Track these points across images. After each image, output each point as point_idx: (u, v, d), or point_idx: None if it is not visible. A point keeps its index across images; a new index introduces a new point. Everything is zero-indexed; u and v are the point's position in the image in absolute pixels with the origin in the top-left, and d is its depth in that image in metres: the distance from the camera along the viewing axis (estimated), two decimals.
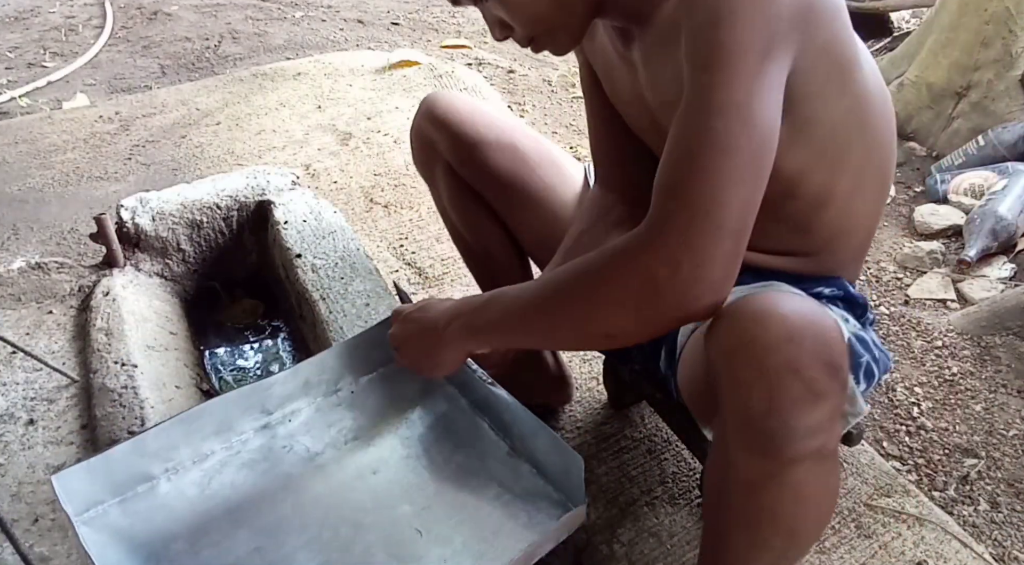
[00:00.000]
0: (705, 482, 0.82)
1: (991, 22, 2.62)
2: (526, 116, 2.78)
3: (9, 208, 2.11)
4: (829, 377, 0.66)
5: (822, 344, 0.67)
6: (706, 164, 0.71)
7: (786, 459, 0.68)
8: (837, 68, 0.82)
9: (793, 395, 0.65)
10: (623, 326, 0.76)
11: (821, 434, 0.67)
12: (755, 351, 0.66)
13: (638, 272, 0.73)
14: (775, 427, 0.66)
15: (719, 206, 0.70)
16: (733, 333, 0.69)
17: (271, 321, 1.77)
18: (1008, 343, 1.84)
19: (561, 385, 1.38)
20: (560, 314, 0.81)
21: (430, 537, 0.86)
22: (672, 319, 0.74)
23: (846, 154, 0.89)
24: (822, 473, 0.72)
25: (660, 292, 0.72)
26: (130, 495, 0.91)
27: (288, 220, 1.71)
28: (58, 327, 1.56)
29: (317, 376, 1.04)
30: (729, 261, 0.71)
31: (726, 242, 0.70)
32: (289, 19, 3.96)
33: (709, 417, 0.93)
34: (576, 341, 0.88)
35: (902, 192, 2.61)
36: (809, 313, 0.68)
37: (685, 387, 0.92)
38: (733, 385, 0.68)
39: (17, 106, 3.07)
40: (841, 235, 0.97)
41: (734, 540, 0.78)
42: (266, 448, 0.98)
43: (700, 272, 0.70)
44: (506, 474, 0.94)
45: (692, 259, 0.70)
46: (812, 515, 0.76)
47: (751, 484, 0.72)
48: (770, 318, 0.67)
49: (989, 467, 1.55)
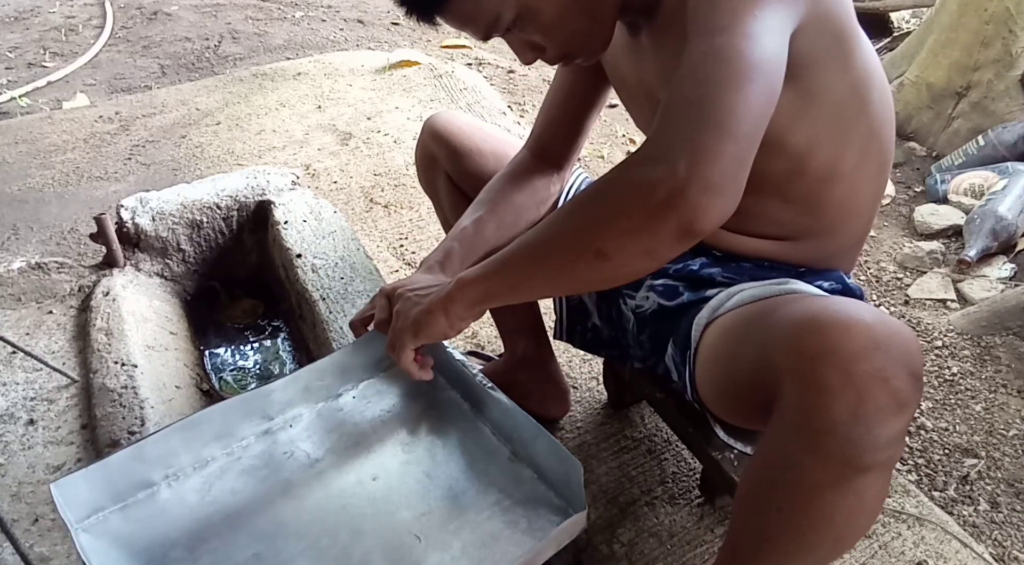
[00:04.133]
0: (747, 483, 0.80)
1: (991, 22, 2.62)
2: (526, 116, 2.77)
3: (9, 208, 2.11)
4: (913, 387, 0.66)
5: (907, 353, 0.66)
6: (708, 72, 0.70)
7: (863, 467, 0.68)
8: (839, 39, 0.84)
9: (880, 404, 0.65)
10: (625, 242, 0.72)
11: (897, 444, 0.68)
12: (841, 357, 0.65)
13: (636, 177, 0.72)
14: (860, 435, 0.65)
15: (720, 108, 0.68)
16: (814, 338, 0.68)
17: (271, 321, 1.77)
18: (1008, 343, 1.84)
19: (560, 396, 1.39)
20: (563, 239, 0.78)
21: (429, 543, 0.86)
22: (675, 228, 0.70)
23: (850, 130, 0.90)
24: (882, 482, 0.72)
25: (657, 194, 0.69)
26: (130, 502, 0.90)
27: (288, 220, 1.71)
28: (58, 327, 1.57)
29: (318, 382, 1.04)
30: (732, 164, 0.68)
31: (727, 143, 0.68)
32: (289, 19, 3.96)
33: (736, 416, 0.93)
34: (581, 269, 0.79)
35: (902, 192, 2.60)
36: (891, 322, 0.68)
37: (707, 384, 0.92)
38: (814, 390, 0.67)
39: (17, 106, 3.07)
40: (846, 216, 0.98)
41: (779, 543, 0.77)
42: (267, 454, 0.97)
43: (698, 171, 0.67)
44: (506, 480, 0.93)
45: (691, 156, 0.68)
46: (862, 523, 0.76)
47: (815, 489, 0.71)
48: (855, 326, 0.67)
49: (989, 467, 1.55)
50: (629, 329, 1.12)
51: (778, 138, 0.87)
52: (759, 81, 0.70)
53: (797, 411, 0.69)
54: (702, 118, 0.69)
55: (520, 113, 2.81)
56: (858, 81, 0.88)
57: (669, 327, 1.02)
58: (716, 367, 0.90)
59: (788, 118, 0.85)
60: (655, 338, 1.06)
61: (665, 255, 0.73)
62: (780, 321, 0.74)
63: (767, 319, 0.80)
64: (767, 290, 0.91)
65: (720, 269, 1.01)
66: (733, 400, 0.88)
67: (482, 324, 1.65)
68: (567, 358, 1.53)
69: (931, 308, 2.06)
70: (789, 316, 0.73)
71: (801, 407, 0.68)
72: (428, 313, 0.90)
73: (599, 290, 0.84)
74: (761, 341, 0.77)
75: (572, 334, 1.25)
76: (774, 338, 0.73)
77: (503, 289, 0.86)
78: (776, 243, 0.99)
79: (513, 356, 1.37)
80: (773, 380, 0.72)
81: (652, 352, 1.08)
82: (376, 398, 1.06)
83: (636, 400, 1.41)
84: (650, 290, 1.06)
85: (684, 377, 0.96)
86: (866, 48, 0.89)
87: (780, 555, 0.78)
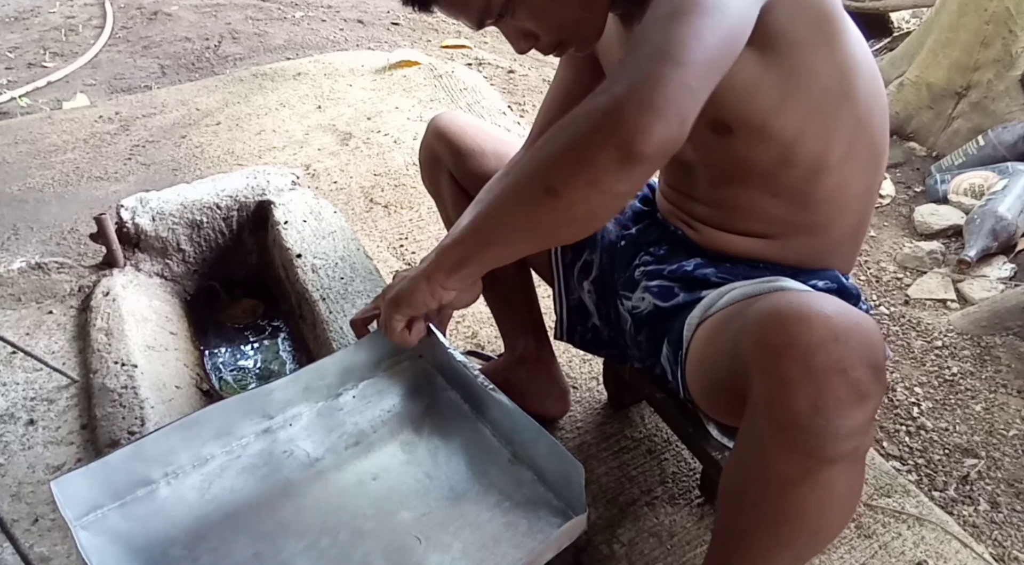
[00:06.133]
0: (726, 479, 0.81)
1: (991, 22, 2.62)
2: (526, 116, 2.77)
3: (9, 208, 2.11)
4: (873, 379, 0.66)
5: (867, 345, 0.67)
6: (663, 12, 0.71)
7: (826, 458, 0.68)
8: (822, 20, 0.85)
9: (839, 395, 0.65)
10: (570, 175, 0.73)
11: (861, 435, 0.68)
12: (800, 350, 0.66)
13: (582, 110, 0.72)
14: (820, 426, 0.66)
15: (668, 39, 0.69)
16: (776, 332, 0.68)
17: (271, 321, 1.77)
18: (1008, 343, 1.84)
19: (560, 395, 1.39)
20: (519, 183, 0.79)
21: (429, 544, 0.86)
22: (613, 152, 0.69)
23: (837, 118, 0.90)
24: (853, 474, 0.73)
25: (596, 119, 0.69)
26: (130, 499, 0.90)
27: (288, 220, 1.71)
28: (58, 327, 1.57)
29: (318, 381, 1.04)
30: (675, 88, 0.68)
31: (671, 68, 0.68)
32: (289, 19, 3.96)
33: (722, 414, 0.94)
34: (538, 212, 0.78)
35: (902, 192, 2.60)
36: (853, 314, 0.68)
37: (695, 383, 0.92)
38: (776, 383, 0.68)
39: (17, 106, 3.07)
40: (837, 210, 0.98)
41: (756, 538, 0.78)
42: (266, 453, 0.97)
43: (635, 93, 0.68)
44: (507, 481, 0.93)
45: (631, 82, 0.68)
46: (837, 515, 0.76)
47: (784, 482, 0.72)
48: (815, 318, 0.67)
49: (989, 467, 1.55)
50: (627, 330, 1.12)
51: (762, 122, 0.88)
52: (712, 15, 0.71)
53: (763, 405, 0.70)
54: (650, 49, 0.69)
55: (520, 113, 2.81)
56: (844, 68, 0.88)
57: (664, 328, 1.02)
58: (702, 366, 0.90)
59: (772, 101, 0.86)
60: (651, 339, 1.06)
61: (610, 186, 0.73)
62: (750, 316, 0.75)
63: (742, 315, 0.80)
64: (756, 288, 0.91)
65: (715, 270, 1.01)
66: (717, 397, 0.89)
67: (482, 324, 1.65)
68: (567, 358, 1.53)
69: (931, 308, 2.06)
70: (757, 311, 0.73)
71: (765, 400, 0.69)
72: (411, 281, 0.93)
73: (566, 240, 0.84)
74: (735, 337, 0.78)
75: (572, 334, 1.25)
76: (744, 334, 0.74)
77: (478, 247, 0.86)
78: (767, 242, 1.00)
79: (513, 356, 1.37)
80: (745, 375, 0.73)
81: (649, 353, 1.08)
82: (376, 398, 1.06)
83: (636, 400, 1.41)
84: (646, 291, 1.06)
85: (677, 377, 0.96)
86: (853, 36, 0.89)
87: (759, 550, 0.79)
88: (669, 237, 1.09)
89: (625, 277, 1.11)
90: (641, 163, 0.70)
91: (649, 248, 1.09)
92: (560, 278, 1.22)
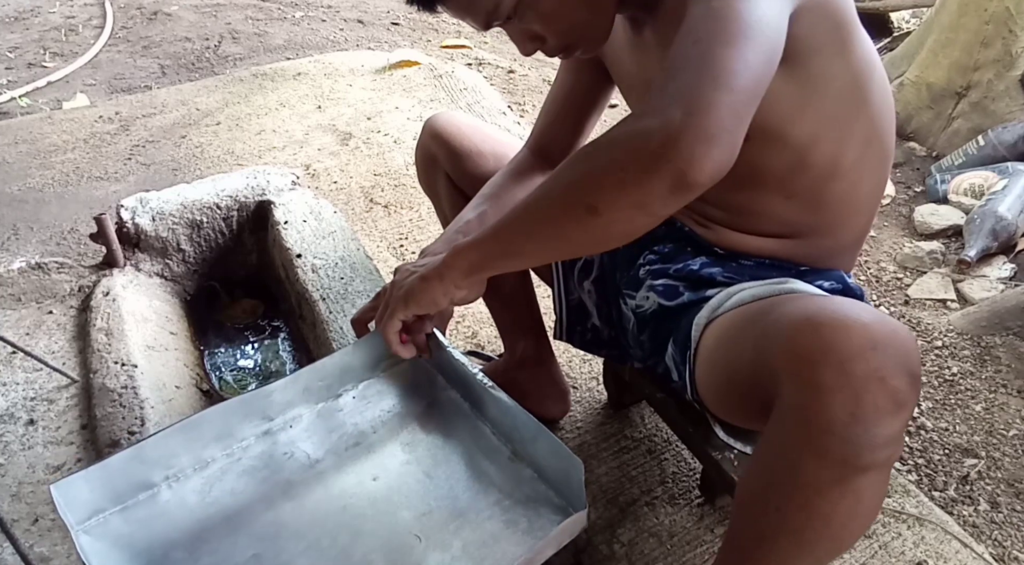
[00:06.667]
0: (746, 482, 0.80)
1: (991, 22, 2.62)
2: (526, 116, 2.77)
3: (9, 208, 2.11)
4: (910, 387, 0.66)
5: (904, 353, 0.66)
6: (705, 30, 0.70)
7: (861, 467, 0.67)
8: (839, 27, 0.85)
9: (878, 404, 0.64)
10: (617, 196, 0.72)
11: (895, 444, 0.67)
12: (838, 357, 0.65)
13: (631, 131, 0.71)
14: (857, 435, 0.65)
15: (716, 63, 0.68)
16: (811, 338, 0.68)
17: (271, 321, 1.77)
18: (1008, 343, 1.84)
19: (560, 396, 1.39)
20: (555, 196, 0.78)
21: (429, 543, 0.86)
22: (668, 179, 0.69)
23: (852, 122, 0.91)
24: (881, 482, 0.72)
25: (651, 145, 0.68)
26: (131, 503, 0.90)
27: (288, 220, 1.71)
28: (58, 327, 1.57)
29: (318, 382, 1.04)
30: (728, 115, 0.68)
31: (723, 94, 0.68)
32: (289, 19, 3.96)
33: (735, 416, 0.93)
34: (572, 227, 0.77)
35: (902, 192, 2.60)
36: (889, 322, 0.68)
37: (707, 384, 0.92)
38: (811, 390, 0.67)
39: (17, 106, 3.07)
40: (847, 212, 0.98)
41: (777, 543, 0.77)
42: (267, 455, 0.97)
43: (693, 120, 0.67)
44: (507, 479, 0.93)
45: (686, 107, 0.67)
46: (860, 523, 0.76)
47: (814, 489, 0.71)
48: (853, 326, 0.66)
49: (989, 467, 1.55)
50: (629, 329, 1.12)
51: (780, 130, 0.88)
52: (756, 39, 0.71)
53: (795, 411, 0.69)
54: (698, 73, 0.69)
55: (520, 113, 2.81)
56: (858, 72, 0.89)
57: (669, 327, 1.02)
58: (716, 367, 0.90)
59: (790, 108, 0.86)
60: (655, 338, 1.06)
61: (657, 210, 0.72)
62: (778, 321, 0.74)
63: (765, 319, 0.80)
64: (766, 290, 0.91)
65: (721, 269, 1.01)
66: (732, 400, 0.88)
67: (482, 324, 1.65)
68: (567, 358, 1.53)
69: (931, 308, 2.06)
70: (787, 316, 0.73)
71: (799, 407, 0.68)
72: (423, 280, 0.91)
73: (591, 253, 0.84)
74: (759, 341, 0.77)
75: (572, 334, 1.25)
76: (772, 338, 0.73)
77: (498, 254, 0.86)
78: (778, 241, 1.00)
79: (513, 356, 1.37)
80: (771, 380, 0.72)
81: (652, 352, 1.08)
82: (376, 398, 1.06)
83: (636, 400, 1.41)
84: (650, 290, 1.06)
85: (684, 377, 0.96)
86: (865, 41, 0.89)
87: (778, 555, 0.78)
88: (674, 235, 1.08)
89: (628, 276, 1.11)
90: (693, 190, 0.70)
91: (653, 246, 1.09)
92: (560, 278, 1.22)
